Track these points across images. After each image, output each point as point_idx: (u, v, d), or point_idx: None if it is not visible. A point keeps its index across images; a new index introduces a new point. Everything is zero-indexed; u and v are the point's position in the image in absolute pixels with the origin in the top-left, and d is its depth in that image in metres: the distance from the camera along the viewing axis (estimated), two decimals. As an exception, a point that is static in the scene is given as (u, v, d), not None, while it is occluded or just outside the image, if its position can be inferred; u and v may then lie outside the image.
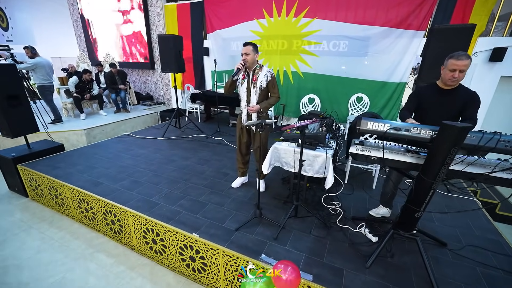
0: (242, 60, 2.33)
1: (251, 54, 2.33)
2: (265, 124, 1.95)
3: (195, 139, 4.49)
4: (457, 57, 1.70)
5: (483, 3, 3.84)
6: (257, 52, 2.40)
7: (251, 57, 2.34)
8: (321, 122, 2.41)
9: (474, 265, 1.85)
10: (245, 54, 2.34)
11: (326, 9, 4.23)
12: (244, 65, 2.33)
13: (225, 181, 3.03)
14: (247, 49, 2.33)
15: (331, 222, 2.28)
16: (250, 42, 2.36)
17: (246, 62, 2.32)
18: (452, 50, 2.56)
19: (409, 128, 1.42)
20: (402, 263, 1.86)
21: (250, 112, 2.48)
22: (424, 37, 4.21)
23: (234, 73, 2.31)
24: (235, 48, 5.21)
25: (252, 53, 2.34)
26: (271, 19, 4.55)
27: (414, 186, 1.55)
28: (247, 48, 2.33)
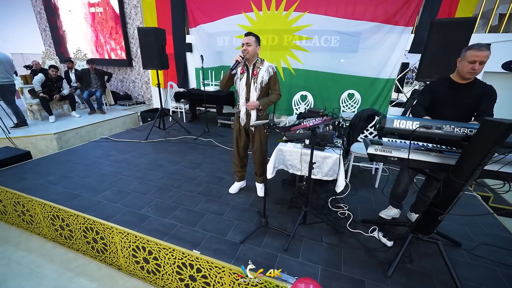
0: (242, 52, 2.10)
1: (253, 46, 2.11)
2: (273, 124, 1.75)
3: (182, 141, 4.17)
4: (477, 48, 1.60)
5: (468, 0, 3.92)
6: (259, 45, 2.18)
7: (252, 49, 2.12)
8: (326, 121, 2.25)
9: (493, 266, 1.79)
10: (246, 45, 2.11)
11: (317, 3, 4.10)
12: (243, 58, 2.10)
13: (221, 186, 2.78)
14: (248, 39, 2.10)
15: (341, 227, 2.13)
16: (252, 33, 2.14)
17: (246, 54, 2.10)
18: (453, 44, 2.53)
19: (441, 125, 1.29)
20: (422, 268, 1.75)
21: (249, 109, 2.25)
22: (412, 33, 4.25)
23: (232, 66, 2.08)
24: (221, 44, 4.94)
25: (254, 44, 2.12)
26: (260, 12, 4.33)
27: (442, 188, 1.43)
28: (249, 38, 2.11)
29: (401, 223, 2.10)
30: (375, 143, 1.61)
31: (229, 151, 3.78)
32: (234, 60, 2.07)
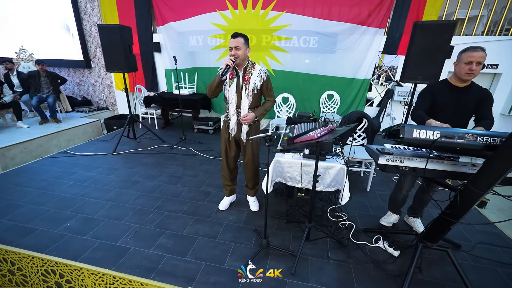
0: (232, 56, 1.86)
1: (242, 49, 1.88)
2: (277, 137, 1.55)
3: (157, 151, 3.77)
4: (473, 49, 1.59)
5: (433, 4, 4.13)
6: (249, 46, 1.96)
7: (243, 52, 1.89)
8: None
9: (494, 266, 1.82)
10: (235, 49, 1.87)
11: (294, 3, 4.00)
12: (234, 62, 1.86)
13: (209, 202, 2.51)
14: (237, 42, 1.86)
15: (345, 238, 2.02)
16: (240, 33, 1.90)
17: (236, 59, 1.86)
18: (436, 46, 2.58)
19: (463, 134, 1.21)
20: (432, 277, 1.71)
21: (244, 123, 2.03)
22: (384, 35, 4.37)
23: (223, 71, 1.83)
24: (194, 43, 4.59)
25: (243, 47, 1.89)
26: (236, 11, 4.09)
27: (460, 197, 1.37)
28: (237, 40, 1.87)
29: (407, 231, 2.05)
30: (384, 152, 1.50)
31: (212, 160, 3.50)
32: (223, 64, 1.83)
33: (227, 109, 2.13)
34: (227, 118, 2.14)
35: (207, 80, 4.87)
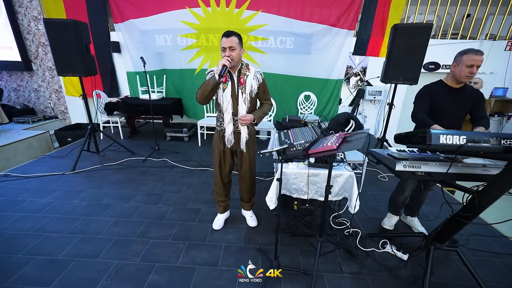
0: (225, 58, 1.63)
1: (237, 49, 1.67)
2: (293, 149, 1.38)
3: (127, 165, 3.31)
4: (474, 52, 1.62)
5: (395, 9, 4.39)
6: (242, 47, 1.75)
7: (237, 53, 1.68)
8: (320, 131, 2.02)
9: (489, 257, 1.91)
10: (229, 49, 1.65)
11: (269, 2, 3.88)
12: (230, 63, 1.63)
13: (200, 222, 2.23)
14: (232, 42, 1.64)
15: (352, 247, 1.95)
16: (233, 32, 1.68)
17: (231, 61, 1.64)
18: (414, 47, 2.68)
19: (488, 138, 1.19)
20: (443, 278, 1.72)
21: (241, 124, 1.81)
22: (354, 36, 4.52)
23: (220, 72, 1.58)
24: (162, 43, 4.16)
25: (238, 47, 1.67)
26: (208, 9, 3.81)
27: (478, 198, 1.37)
28: (231, 40, 1.64)
29: (414, 233, 2.05)
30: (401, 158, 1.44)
31: (193, 172, 3.18)
32: (220, 64, 1.59)
33: (220, 117, 1.90)
34: (221, 127, 1.90)
35: (178, 84, 4.49)
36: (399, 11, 4.40)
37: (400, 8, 4.36)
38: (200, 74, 4.26)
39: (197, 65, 4.17)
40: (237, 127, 1.85)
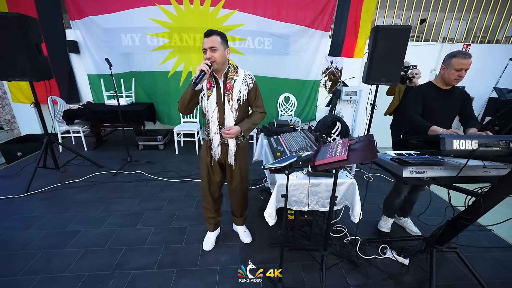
0: (208, 59, 1.44)
1: (220, 49, 1.48)
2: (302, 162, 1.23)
3: (95, 182, 2.90)
4: (463, 56, 1.64)
5: (367, 11, 4.52)
6: (228, 46, 1.56)
7: (220, 55, 1.48)
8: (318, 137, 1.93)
9: (480, 252, 1.97)
10: (210, 50, 1.45)
11: (245, 2, 3.72)
12: (211, 67, 1.43)
13: (188, 243, 1.99)
14: (212, 41, 1.45)
15: (354, 256, 1.88)
16: (215, 30, 1.48)
17: (213, 63, 1.44)
18: (395, 49, 2.72)
19: (498, 141, 1.17)
20: (445, 279, 1.72)
21: (225, 137, 1.62)
22: (329, 38, 4.58)
23: (196, 78, 1.38)
24: (129, 43, 3.77)
25: (221, 47, 1.48)
26: (180, 6, 3.52)
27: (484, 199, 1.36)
28: (212, 39, 1.45)
29: (414, 237, 2.03)
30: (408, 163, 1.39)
31: (173, 184, 2.90)
32: (197, 70, 1.38)
33: (207, 126, 1.69)
34: (207, 137, 1.70)
35: (149, 87, 4.12)
36: (370, 14, 4.53)
37: (370, 11, 4.50)
38: (174, 76, 3.94)
39: (170, 67, 3.85)
40: (224, 138, 1.66)
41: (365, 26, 4.58)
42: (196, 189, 2.81)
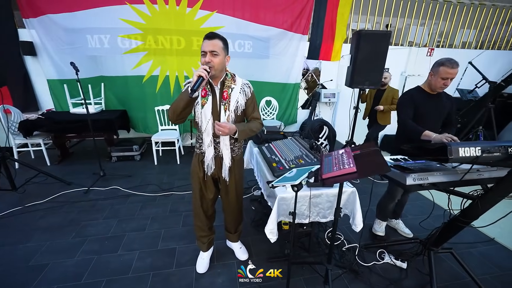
0: (206, 64, 1.30)
1: (221, 55, 1.35)
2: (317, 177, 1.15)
3: (62, 202, 2.56)
4: (451, 65, 1.68)
5: (341, 16, 4.64)
6: (228, 53, 1.44)
7: (220, 60, 1.36)
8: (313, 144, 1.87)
9: (466, 248, 2.05)
10: (210, 54, 1.32)
11: (223, 3, 3.58)
12: (209, 73, 1.30)
13: (179, 266, 1.81)
14: (214, 45, 1.32)
15: (354, 264, 1.85)
16: (218, 34, 1.36)
17: (211, 68, 1.31)
18: (376, 53, 2.78)
19: (498, 147, 1.19)
20: (443, 281, 1.75)
21: (218, 133, 1.40)
22: (308, 41, 4.62)
23: (194, 84, 1.24)
24: (97, 45, 3.42)
25: (222, 53, 1.36)
26: (154, 6, 3.27)
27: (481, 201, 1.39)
28: (214, 43, 1.32)
29: (411, 240, 2.04)
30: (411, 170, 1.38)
31: (155, 199, 2.67)
32: (195, 75, 1.25)
33: (199, 138, 1.54)
34: (200, 150, 1.55)
35: (122, 93, 3.79)
36: (345, 18, 4.66)
37: (345, 15, 4.62)
38: (150, 81, 3.66)
39: (145, 71, 3.57)
40: (219, 151, 1.52)
41: (341, 30, 4.69)
42: (181, 203, 2.61)
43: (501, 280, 1.77)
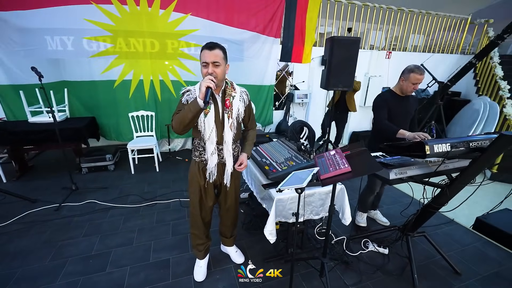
0: (210, 76, 1.31)
1: (222, 65, 1.37)
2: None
3: (30, 223, 2.31)
4: (419, 72, 1.90)
5: (310, 21, 4.88)
6: (227, 62, 1.46)
7: (222, 71, 1.38)
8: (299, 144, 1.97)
9: (433, 230, 2.34)
10: (212, 65, 1.33)
11: (197, 5, 3.53)
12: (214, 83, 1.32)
13: (176, 277, 1.78)
14: (216, 56, 1.33)
15: (343, 255, 2.00)
16: (217, 44, 1.36)
17: (215, 79, 1.33)
18: (348, 57, 3.00)
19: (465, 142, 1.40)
20: (420, 261, 1.97)
21: (241, 170, 1.57)
22: (280, 44, 4.77)
23: (205, 96, 1.24)
24: (58, 47, 3.11)
25: (223, 63, 1.38)
26: (124, 7, 3.08)
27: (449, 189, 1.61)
28: (215, 53, 1.33)
29: (391, 228, 2.22)
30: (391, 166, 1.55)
31: (138, 210, 2.55)
32: (204, 86, 1.25)
33: (199, 146, 1.54)
34: (200, 158, 1.54)
35: (89, 99, 3.51)
36: (313, 23, 4.90)
37: (314, 20, 4.86)
38: (122, 86, 3.44)
39: (116, 75, 3.34)
40: (221, 158, 1.54)
41: (310, 33, 4.92)
42: (167, 212, 2.53)
43: (463, 255, 2.06)
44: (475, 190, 1.59)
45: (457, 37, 6.27)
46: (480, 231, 2.33)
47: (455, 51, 6.37)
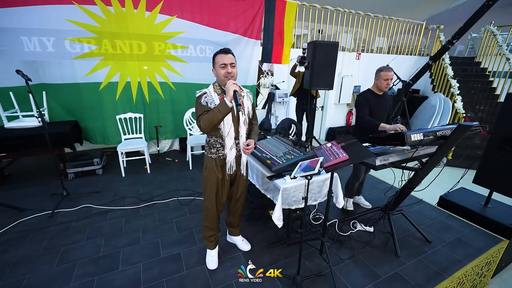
0: (228, 74, 1.56)
1: (236, 66, 1.60)
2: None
3: (25, 231, 2.23)
4: (387, 69, 2.24)
5: (288, 24, 5.16)
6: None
7: (237, 71, 1.62)
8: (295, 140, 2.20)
9: (407, 209, 2.72)
10: (230, 66, 1.54)
11: (182, 8, 3.57)
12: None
13: (190, 268, 1.89)
14: (231, 58, 1.58)
15: (337, 235, 2.27)
16: (230, 50, 1.57)
17: (232, 78, 1.53)
18: (329, 60, 3.30)
19: (433, 132, 1.72)
20: (398, 235, 2.30)
21: (247, 152, 1.71)
22: (260, 46, 4.98)
23: (236, 99, 1.48)
24: (36, 49, 2.95)
25: (236, 64, 1.57)
26: (109, 8, 3.03)
27: (421, 171, 1.94)
28: (231, 56, 1.58)
29: (374, 209, 2.54)
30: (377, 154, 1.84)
31: (137, 211, 2.59)
32: (231, 90, 1.44)
33: (216, 143, 1.69)
34: (217, 154, 1.69)
35: (71, 102, 3.37)
36: (291, 25, 5.18)
37: (291, 23, 5.14)
38: (108, 88, 3.36)
39: (102, 77, 3.26)
40: (238, 151, 1.72)
41: (288, 36, 5.19)
42: (167, 211, 2.60)
43: (431, 227, 2.44)
44: (440, 171, 1.94)
45: (414, 40, 7.03)
46: (443, 207, 2.77)
47: (413, 52, 7.13)
